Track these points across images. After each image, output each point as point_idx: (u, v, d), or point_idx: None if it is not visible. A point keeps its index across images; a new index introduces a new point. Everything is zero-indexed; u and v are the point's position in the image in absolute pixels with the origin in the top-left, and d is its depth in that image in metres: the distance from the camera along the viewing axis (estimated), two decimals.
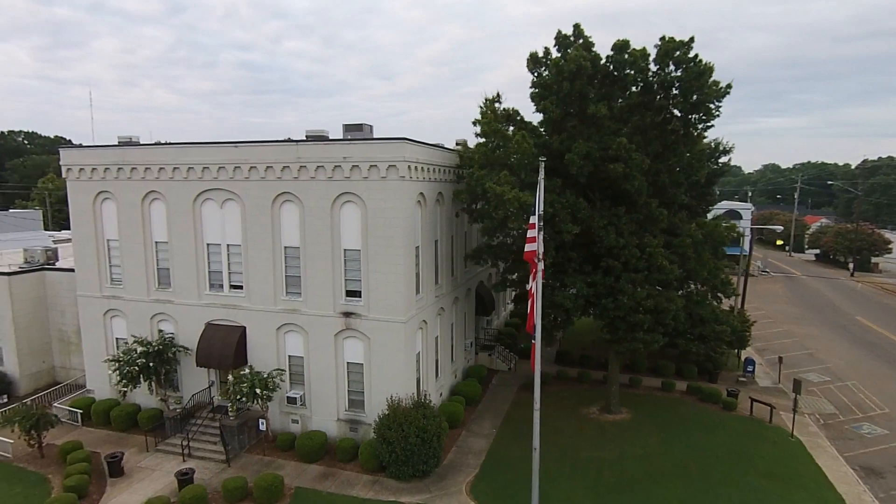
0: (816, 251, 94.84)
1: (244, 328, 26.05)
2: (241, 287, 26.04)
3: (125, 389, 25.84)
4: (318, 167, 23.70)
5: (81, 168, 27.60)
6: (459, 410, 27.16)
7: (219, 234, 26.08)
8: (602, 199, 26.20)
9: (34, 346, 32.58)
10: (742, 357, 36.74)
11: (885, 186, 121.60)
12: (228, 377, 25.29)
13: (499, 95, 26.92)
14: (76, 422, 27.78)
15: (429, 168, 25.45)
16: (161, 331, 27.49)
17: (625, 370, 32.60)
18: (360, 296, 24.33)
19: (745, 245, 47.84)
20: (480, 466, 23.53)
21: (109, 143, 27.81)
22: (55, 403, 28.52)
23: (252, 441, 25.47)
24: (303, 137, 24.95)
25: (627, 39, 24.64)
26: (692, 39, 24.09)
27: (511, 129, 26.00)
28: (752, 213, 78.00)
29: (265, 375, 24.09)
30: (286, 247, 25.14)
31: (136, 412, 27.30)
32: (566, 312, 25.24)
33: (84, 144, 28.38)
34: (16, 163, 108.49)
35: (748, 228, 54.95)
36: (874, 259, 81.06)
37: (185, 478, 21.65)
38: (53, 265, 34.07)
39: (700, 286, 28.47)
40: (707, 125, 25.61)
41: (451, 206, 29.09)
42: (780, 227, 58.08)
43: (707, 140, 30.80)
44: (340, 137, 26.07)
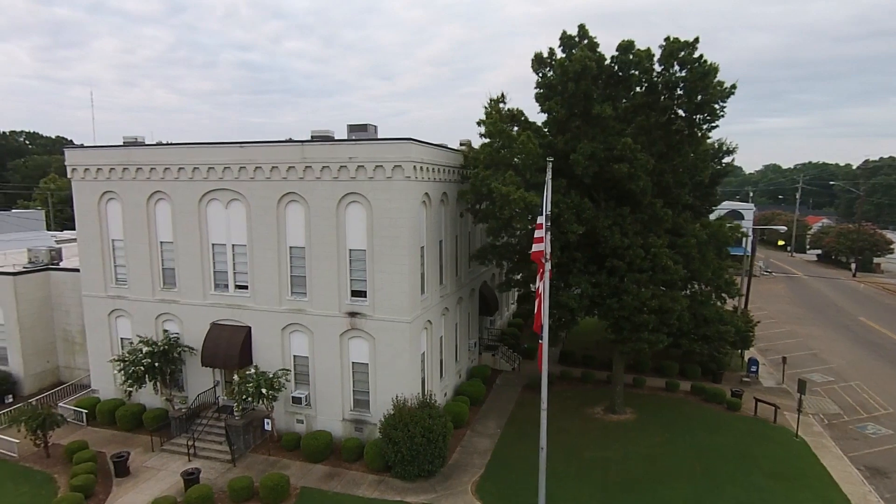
0: (818, 251, 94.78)
1: (249, 328, 26.09)
2: (247, 287, 26.07)
3: (131, 389, 25.87)
4: (324, 167, 23.74)
5: (87, 168, 27.65)
6: (464, 410, 27.18)
7: (224, 235, 26.12)
8: (607, 200, 26.23)
9: (39, 346, 32.61)
10: (745, 357, 36.74)
11: (887, 187, 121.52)
12: (234, 377, 25.36)
13: (503, 95, 26.93)
14: (81, 421, 27.83)
15: (434, 168, 25.49)
16: (166, 331, 27.53)
17: (629, 370, 32.60)
18: (366, 296, 24.36)
19: (747, 245, 47.82)
20: (486, 466, 23.55)
21: (112, 144, 27.88)
22: (60, 403, 28.57)
23: (257, 441, 25.50)
24: (306, 137, 25.01)
25: (632, 40, 24.69)
26: (697, 40, 24.11)
27: (515, 130, 26.03)
28: (754, 214, 77.98)
29: (271, 375, 24.13)
30: (291, 247, 25.18)
31: (142, 412, 27.34)
32: (571, 312, 25.26)
33: (89, 145, 28.38)
34: (17, 163, 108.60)
35: (750, 229, 54.90)
36: (876, 259, 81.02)
37: (192, 477, 21.69)
38: (58, 265, 34.10)
39: (704, 286, 28.49)
40: (712, 125, 25.64)
41: (456, 207, 29.13)
42: (784, 228, 58.01)
43: (710, 140, 30.84)
44: (345, 138, 26.14)
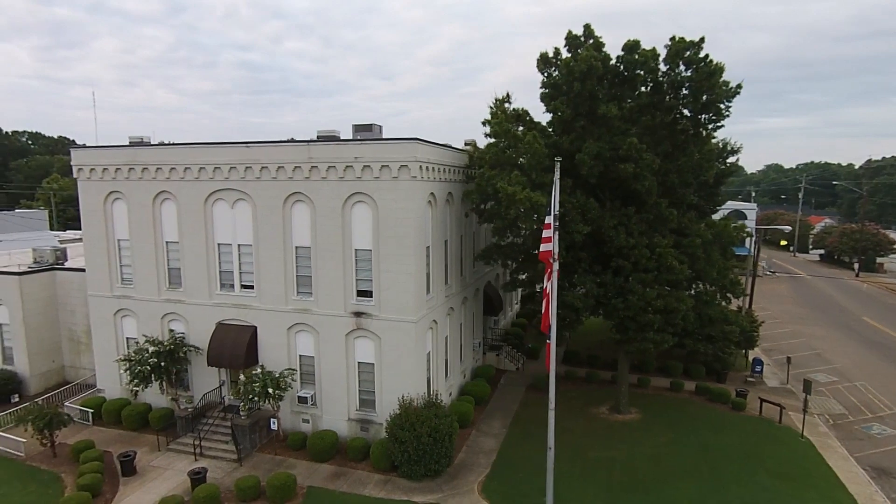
0: (821, 251, 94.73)
1: (255, 328, 26.13)
2: (252, 287, 26.11)
3: (137, 389, 25.94)
4: (330, 167, 23.77)
5: (92, 168, 27.71)
6: (469, 410, 27.21)
7: (230, 234, 26.16)
8: (612, 199, 26.23)
9: (44, 346, 32.69)
10: (750, 357, 36.74)
11: (889, 187, 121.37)
12: (240, 377, 25.40)
13: (508, 95, 26.94)
14: (87, 421, 27.89)
15: (439, 168, 25.51)
16: (172, 330, 27.58)
17: (633, 370, 32.59)
18: (371, 296, 24.39)
19: (752, 246, 47.81)
20: (491, 466, 23.57)
21: (114, 144, 27.93)
22: (66, 403, 28.61)
23: (263, 440, 25.54)
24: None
25: (638, 40, 24.72)
26: (702, 39, 24.14)
27: (520, 130, 26.04)
28: (756, 214, 77.93)
29: (277, 375, 24.18)
30: (297, 247, 25.22)
31: (147, 411, 27.39)
32: (576, 312, 25.27)
33: (95, 145, 28.43)
34: (20, 163, 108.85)
35: (754, 229, 54.88)
36: (879, 259, 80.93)
37: (198, 477, 21.73)
38: (63, 265, 34.18)
39: (709, 286, 28.48)
40: (717, 125, 25.64)
41: (461, 207, 29.16)
42: (789, 228, 57.92)
43: (715, 140, 30.82)
44: (350, 138, 26.18)
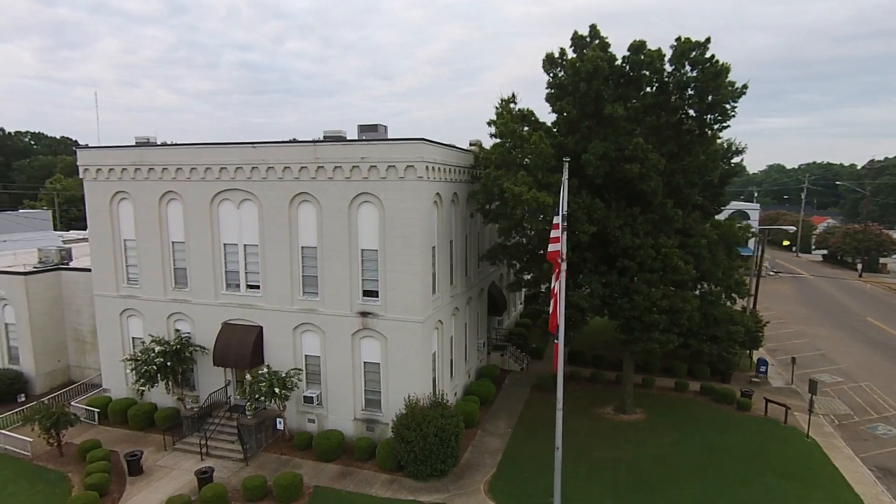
0: (824, 252, 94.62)
1: (261, 328, 26.17)
2: (258, 287, 26.15)
3: (143, 389, 26.01)
4: (336, 167, 23.81)
5: (98, 168, 27.77)
6: (475, 410, 27.23)
7: (236, 235, 26.21)
8: (617, 200, 26.25)
9: (50, 346, 32.76)
10: (754, 358, 36.72)
11: (892, 187, 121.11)
12: (246, 377, 25.44)
13: (513, 96, 26.93)
14: (93, 420, 27.95)
15: (445, 168, 25.55)
16: (178, 330, 27.64)
17: (637, 370, 32.58)
18: (378, 296, 24.42)
19: (756, 247, 47.75)
20: (497, 466, 23.60)
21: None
22: (73, 402, 28.68)
23: (269, 440, 25.58)
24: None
25: (644, 40, 24.73)
26: (708, 40, 24.16)
27: (525, 130, 26.06)
28: (759, 214, 77.89)
29: (283, 375, 24.22)
30: (303, 247, 25.25)
31: (153, 411, 27.45)
32: (581, 312, 25.29)
33: (101, 145, 28.48)
34: (23, 163, 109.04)
35: (758, 229, 54.84)
36: (882, 260, 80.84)
37: (205, 476, 21.78)
38: (68, 265, 34.24)
39: (714, 286, 28.48)
40: (723, 125, 25.65)
41: (466, 207, 29.19)
42: (793, 228, 57.89)
43: (719, 140, 30.81)
44: (356, 138, 26.23)
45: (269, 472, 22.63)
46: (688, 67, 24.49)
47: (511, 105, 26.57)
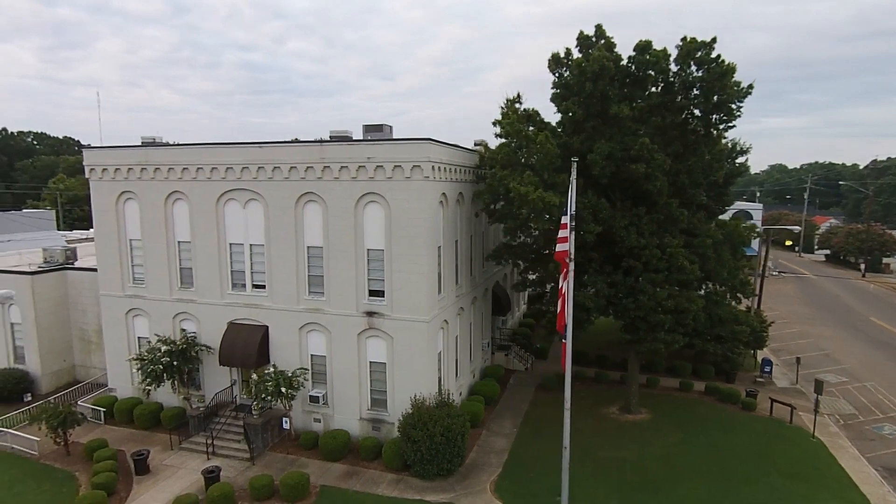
0: (826, 252, 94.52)
1: (267, 327, 26.21)
2: (264, 287, 26.20)
3: (149, 388, 26.06)
4: (342, 167, 23.85)
5: (104, 168, 27.83)
6: (480, 410, 27.25)
7: (242, 234, 26.26)
8: (623, 200, 26.25)
9: (55, 345, 32.84)
10: (758, 358, 36.70)
11: (894, 187, 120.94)
12: (252, 376, 25.49)
13: (519, 96, 26.97)
14: (99, 420, 28.01)
15: (451, 168, 25.58)
16: (183, 330, 27.70)
17: (642, 370, 32.53)
18: (383, 295, 24.46)
19: (760, 247, 47.71)
20: (503, 466, 23.62)
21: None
22: (79, 402, 28.73)
23: (275, 439, 25.62)
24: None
25: (650, 40, 24.73)
26: (714, 40, 24.14)
27: (531, 130, 26.07)
28: (762, 214, 77.75)
29: (289, 374, 24.26)
30: (309, 246, 25.30)
31: (159, 411, 27.51)
32: (586, 312, 25.31)
33: (107, 145, 28.52)
34: (25, 163, 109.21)
35: (762, 229, 54.79)
36: (885, 260, 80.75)
37: (212, 475, 21.81)
38: (73, 265, 34.31)
39: (719, 286, 28.49)
40: (728, 125, 25.64)
41: (471, 207, 29.21)
42: (798, 228, 57.76)
43: (724, 140, 30.80)
44: (362, 138, 26.28)
45: (276, 472, 22.68)
46: (693, 67, 24.45)
47: (516, 105, 26.60)
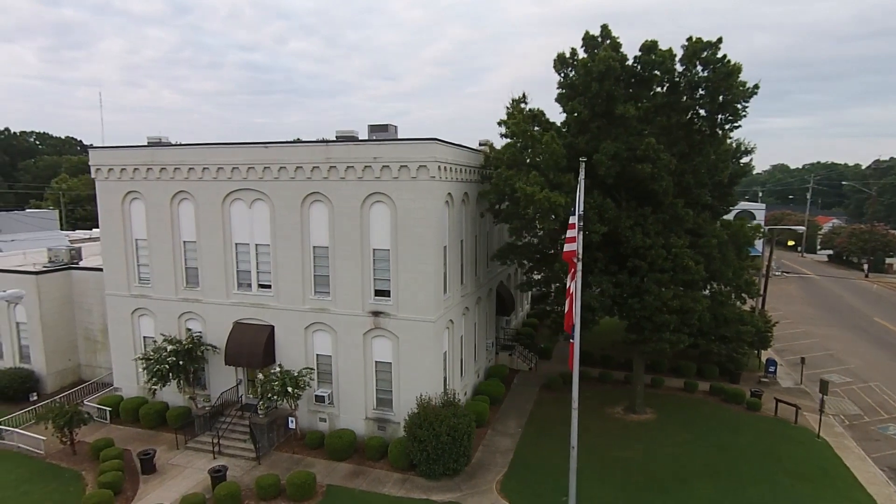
0: (829, 252, 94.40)
1: (272, 327, 26.25)
2: (270, 286, 26.23)
3: (155, 388, 26.09)
4: (349, 167, 23.88)
5: (111, 168, 27.89)
6: (485, 409, 27.27)
7: (247, 234, 26.30)
8: (628, 200, 26.26)
9: (60, 345, 32.90)
10: (763, 358, 36.68)
11: None
12: (258, 376, 25.53)
13: (524, 96, 26.98)
14: (104, 419, 28.06)
15: (456, 168, 25.60)
16: (189, 329, 27.74)
17: (647, 370, 32.51)
18: (389, 295, 24.48)
19: (759, 245, 47.71)
20: (509, 465, 23.64)
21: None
22: (85, 401, 28.78)
23: (280, 439, 25.66)
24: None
25: (655, 40, 24.71)
26: (720, 40, 24.15)
27: (536, 130, 26.08)
28: (765, 214, 77.60)
29: (295, 374, 24.30)
30: (315, 246, 25.32)
31: (165, 410, 27.56)
32: (592, 312, 25.32)
33: (113, 145, 28.59)
34: (28, 163, 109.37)
35: (766, 229, 54.73)
36: (888, 260, 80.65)
37: (219, 475, 21.87)
38: (77, 264, 34.37)
39: (724, 287, 28.47)
40: (734, 125, 25.63)
41: (476, 207, 29.23)
42: (803, 228, 57.63)
43: (729, 140, 30.76)
44: (367, 138, 26.30)
45: (282, 471, 22.71)
46: (699, 67, 24.46)
47: (522, 105, 26.61)
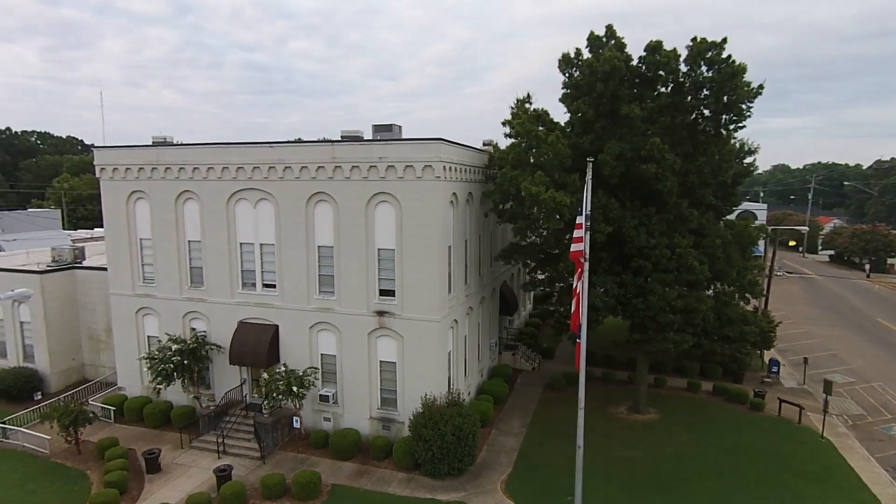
0: (830, 252, 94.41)
1: (277, 326, 26.28)
2: (274, 286, 26.27)
3: (160, 387, 26.12)
4: (354, 167, 23.91)
5: (115, 168, 27.92)
6: (489, 409, 27.29)
7: (252, 234, 26.33)
8: (632, 200, 26.29)
9: (64, 344, 32.93)
10: (765, 358, 36.70)
11: None
12: (263, 375, 25.55)
13: (529, 96, 27.04)
14: (109, 419, 28.09)
15: (461, 168, 25.63)
16: (193, 329, 27.77)
17: (649, 370, 32.50)
18: (394, 295, 24.51)
19: (761, 245, 47.70)
20: (514, 465, 23.67)
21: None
22: (90, 400, 28.80)
23: (285, 438, 25.68)
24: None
25: (660, 40, 24.77)
26: (725, 40, 24.19)
27: (541, 129, 26.09)
28: (766, 214, 77.67)
29: (300, 373, 24.33)
30: (320, 246, 25.36)
31: (169, 409, 27.58)
32: (596, 312, 25.34)
33: (118, 145, 28.61)
34: (29, 163, 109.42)
35: (770, 229, 54.72)
36: (890, 260, 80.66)
37: (224, 474, 21.88)
38: (81, 264, 34.39)
39: (727, 286, 28.49)
40: (739, 126, 25.66)
41: (480, 207, 29.25)
42: (806, 229, 57.58)
43: (732, 141, 30.77)
44: (372, 138, 26.33)
45: (287, 471, 22.74)
46: (704, 67, 24.49)
47: (527, 105, 26.64)
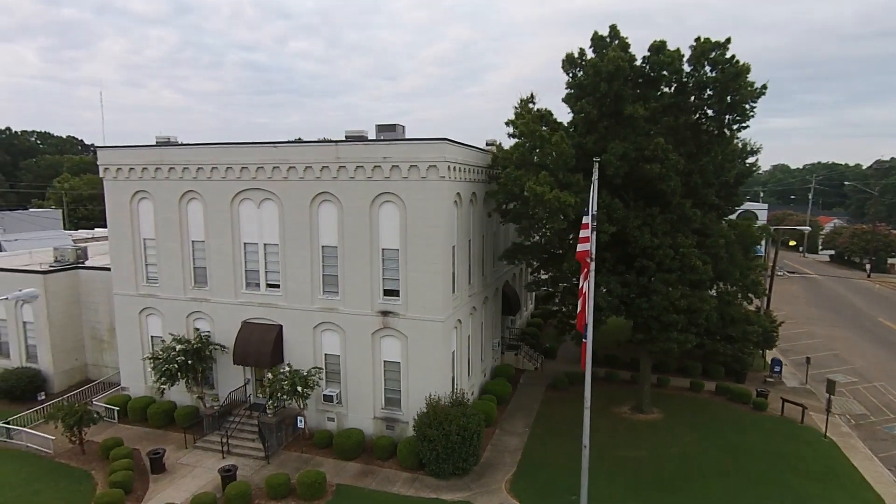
0: (831, 252, 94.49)
1: (281, 326, 26.29)
2: (278, 286, 26.28)
3: (164, 387, 26.13)
4: (358, 167, 23.92)
5: (119, 168, 27.93)
6: (492, 409, 27.33)
7: (256, 234, 26.35)
8: (636, 200, 26.30)
9: (67, 344, 32.93)
10: (768, 358, 36.75)
11: None
12: (267, 375, 25.56)
13: (532, 96, 27.03)
14: (112, 419, 28.08)
15: (465, 168, 25.65)
16: (197, 329, 27.77)
17: (653, 370, 32.53)
18: (398, 295, 24.53)
19: (762, 245, 47.72)
20: (518, 464, 23.69)
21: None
22: (94, 400, 28.81)
23: (289, 438, 25.71)
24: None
25: (664, 40, 24.75)
26: (728, 40, 24.19)
27: (544, 129, 26.10)
28: (767, 214, 77.65)
29: (304, 373, 24.35)
30: (324, 246, 25.38)
31: (173, 409, 27.59)
32: (600, 312, 25.34)
33: (121, 145, 28.58)
34: (29, 163, 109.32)
35: (772, 229, 54.72)
36: (890, 260, 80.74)
37: (229, 474, 21.90)
38: (84, 264, 34.39)
39: (730, 286, 28.52)
40: (742, 126, 25.67)
41: (483, 207, 29.28)
42: (809, 228, 57.59)
43: (735, 141, 30.79)
44: (376, 138, 26.34)
45: (291, 471, 22.75)
46: (707, 68, 24.50)
47: (530, 105, 26.64)
